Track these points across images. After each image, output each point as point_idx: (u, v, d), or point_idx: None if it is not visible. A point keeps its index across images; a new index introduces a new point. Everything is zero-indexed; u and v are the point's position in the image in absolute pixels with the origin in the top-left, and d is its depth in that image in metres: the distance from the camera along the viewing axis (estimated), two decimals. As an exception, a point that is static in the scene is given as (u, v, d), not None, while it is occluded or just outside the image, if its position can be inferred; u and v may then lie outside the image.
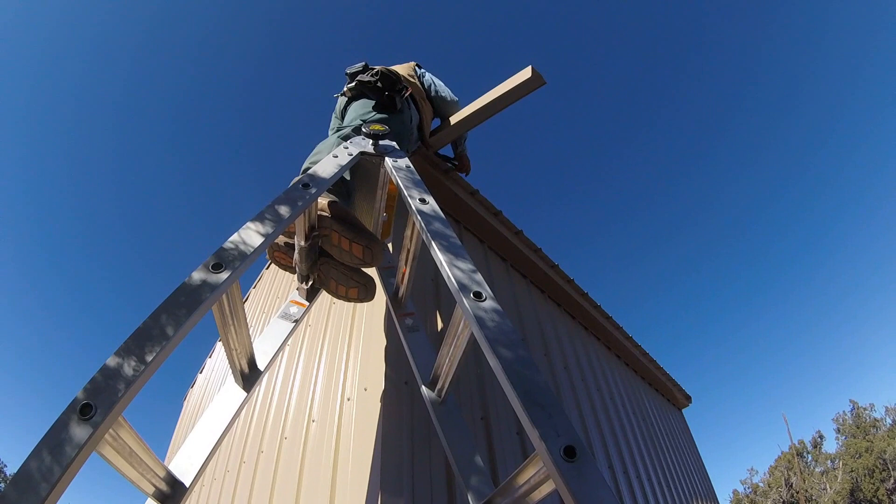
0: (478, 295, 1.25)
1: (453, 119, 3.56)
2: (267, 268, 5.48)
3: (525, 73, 3.24)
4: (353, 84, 3.01)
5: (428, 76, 3.55)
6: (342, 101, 3.15)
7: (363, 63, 3.13)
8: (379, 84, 2.90)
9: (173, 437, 7.06)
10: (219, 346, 6.07)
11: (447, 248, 1.44)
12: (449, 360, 1.55)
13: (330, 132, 3.14)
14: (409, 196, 1.73)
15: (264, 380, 2.41)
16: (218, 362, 5.86)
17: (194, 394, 6.84)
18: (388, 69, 3.01)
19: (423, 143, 3.45)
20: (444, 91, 3.53)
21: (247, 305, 5.67)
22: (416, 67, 3.56)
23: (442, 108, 3.55)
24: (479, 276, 1.33)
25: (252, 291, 5.83)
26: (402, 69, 3.37)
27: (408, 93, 3.03)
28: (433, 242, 1.48)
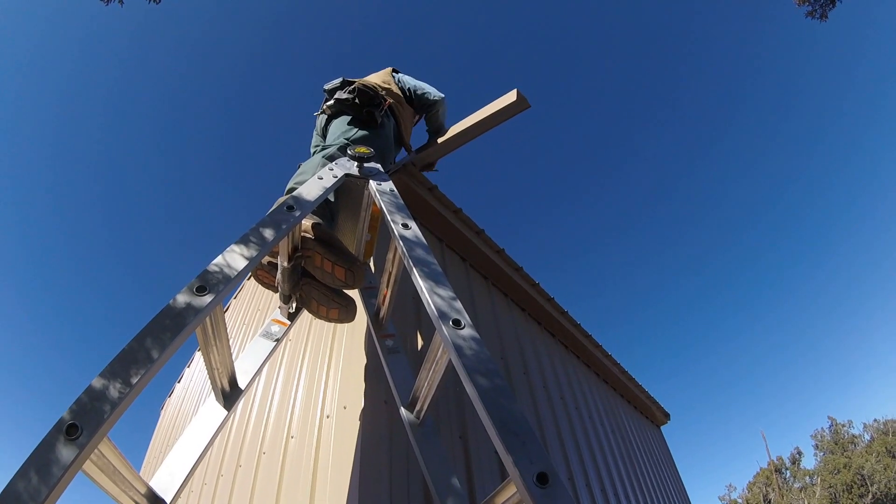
0: (457, 323, 1.28)
1: (440, 131, 3.60)
2: (248, 279, 5.47)
3: (510, 97, 3.29)
4: (332, 102, 3.03)
5: (406, 79, 3.55)
6: (322, 118, 3.17)
7: (341, 78, 3.15)
8: (357, 101, 2.93)
9: (150, 445, 7.00)
10: (197, 357, 6.04)
11: (428, 275, 1.48)
12: (428, 383, 1.58)
13: (311, 150, 3.16)
14: (392, 221, 1.77)
15: (244, 394, 2.39)
16: (196, 372, 5.83)
17: (172, 403, 6.79)
18: (365, 84, 3.03)
19: (405, 147, 3.47)
20: (427, 89, 3.53)
21: (227, 315, 5.65)
22: (393, 73, 3.57)
23: (427, 107, 3.54)
24: (458, 304, 1.37)
25: (232, 302, 5.81)
26: (379, 77, 3.39)
27: (386, 105, 3.07)
28: (414, 268, 1.51)
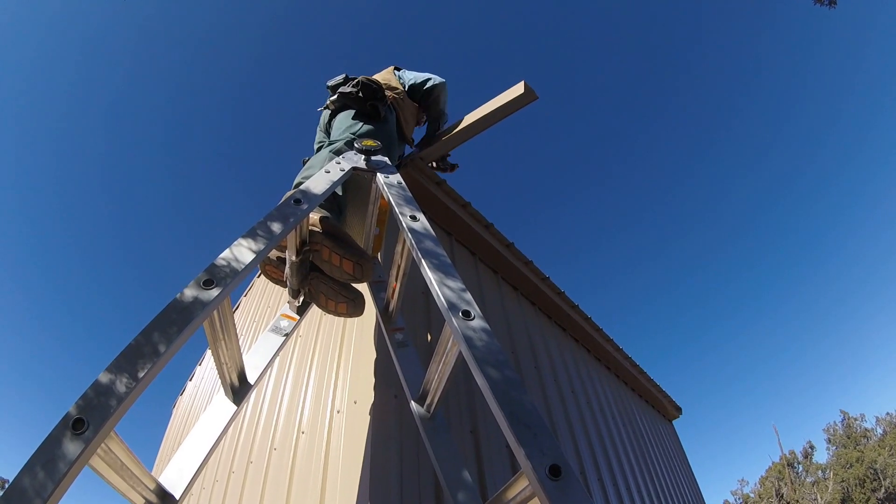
0: (466, 314, 1.27)
1: (441, 117, 3.59)
2: (258, 276, 5.47)
3: (518, 89, 3.26)
4: (336, 97, 3.04)
5: (407, 73, 3.54)
6: (326, 114, 3.18)
7: (343, 75, 3.16)
8: (360, 94, 2.92)
9: (162, 444, 7.04)
10: (209, 355, 6.05)
11: (437, 267, 1.46)
12: (438, 376, 1.57)
13: (315, 146, 3.16)
14: (400, 213, 1.75)
15: (254, 389, 2.38)
16: (208, 370, 5.85)
17: (184, 401, 6.82)
18: (368, 78, 3.03)
19: (407, 141, 3.45)
20: (429, 75, 3.51)
21: (237, 314, 5.66)
22: (395, 70, 3.57)
23: (427, 92, 3.50)
24: (468, 295, 1.35)
25: (243, 300, 5.82)
26: (381, 75, 3.40)
27: (390, 99, 3.08)
28: (423, 260, 1.50)
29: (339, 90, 3.01)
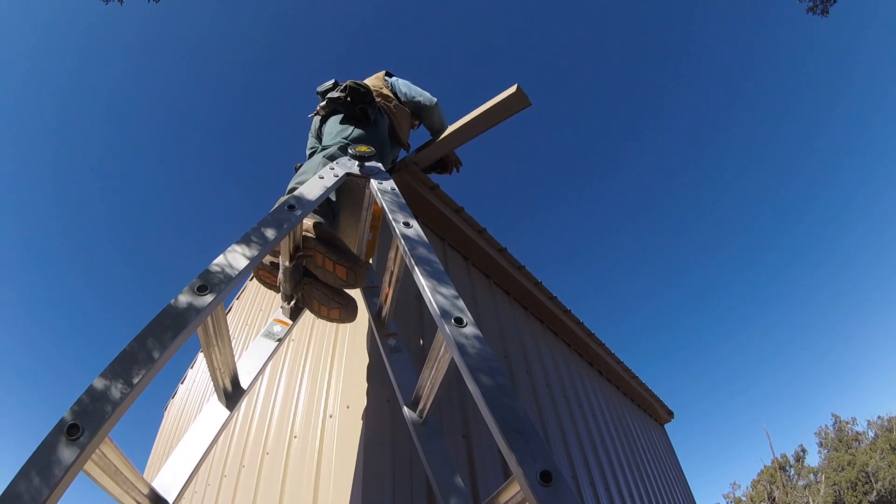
0: (459, 321, 1.28)
1: (440, 133, 3.57)
2: (250, 280, 5.46)
3: (509, 92, 3.25)
4: (325, 102, 3.06)
5: (399, 84, 3.51)
6: (316, 120, 3.19)
7: (332, 80, 3.17)
8: (349, 98, 2.94)
9: (153, 446, 7.01)
10: (200, 357, 6.04)
11: (430, 274, 1.47)
12: (430, 382, 1.58)
13: (307, 152, 3.17)
14: (394, 220, 1.76)
15: (247, 394, 2.36)
16: (199, 373, 5.84)
17: (175, 404, 6.80)
18: (356, 82, 3.03)
19: (403, 146, 3.44)
20: (419, 96, 3.47)
21: (229, 317, 5.64)
22: (387, 76, 3.55)
23: (423, 114, 3.49)
24: (460, 302, 1.36)
25: (235, 303, 5.81)
26: (372, 80, 3.40)
27: (380, 103, 3.10)
28: (416, 267, 1.51)
29: (328, 95, 3.02)
